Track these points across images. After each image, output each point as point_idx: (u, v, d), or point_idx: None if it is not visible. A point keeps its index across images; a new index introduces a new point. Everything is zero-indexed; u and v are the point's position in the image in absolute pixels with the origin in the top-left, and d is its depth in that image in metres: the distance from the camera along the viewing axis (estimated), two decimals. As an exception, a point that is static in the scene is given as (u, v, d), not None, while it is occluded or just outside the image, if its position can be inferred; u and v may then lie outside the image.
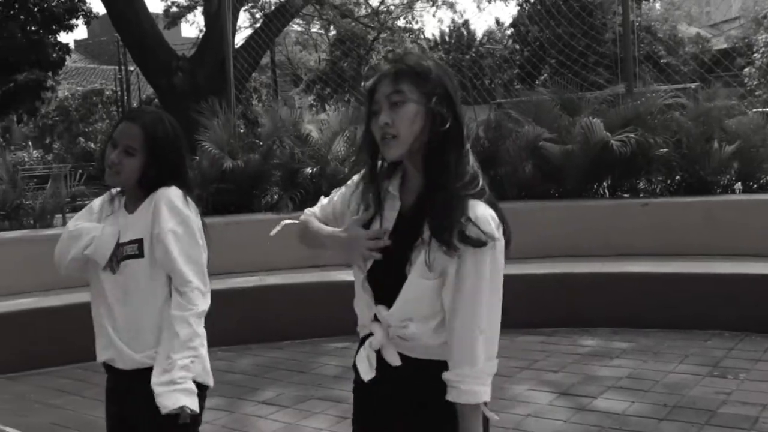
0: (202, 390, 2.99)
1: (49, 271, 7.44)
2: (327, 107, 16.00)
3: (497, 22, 32.87)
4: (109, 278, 3.01)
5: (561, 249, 8.38)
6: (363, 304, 2.42)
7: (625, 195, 9.26)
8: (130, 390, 3.00)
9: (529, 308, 7.28)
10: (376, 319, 2.38)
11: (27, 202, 9.66)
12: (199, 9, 27.68)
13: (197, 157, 9.94)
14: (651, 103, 9.23)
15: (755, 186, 8.91)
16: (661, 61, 22.00)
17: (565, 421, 5.22)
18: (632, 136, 8.53)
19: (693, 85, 11.91)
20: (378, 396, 2.42)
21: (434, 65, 2.32)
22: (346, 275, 7.50)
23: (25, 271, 8.08)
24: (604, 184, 9.40)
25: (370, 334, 2.40)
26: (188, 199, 3.06)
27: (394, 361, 2.35)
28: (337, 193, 2.58)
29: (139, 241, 2.99)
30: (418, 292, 2.28)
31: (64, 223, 9.63)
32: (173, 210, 2.99)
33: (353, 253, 2.36)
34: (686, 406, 5.33)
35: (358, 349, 2.45)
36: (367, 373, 2.39)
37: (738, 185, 9.06)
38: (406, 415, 2.36)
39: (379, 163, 2.39)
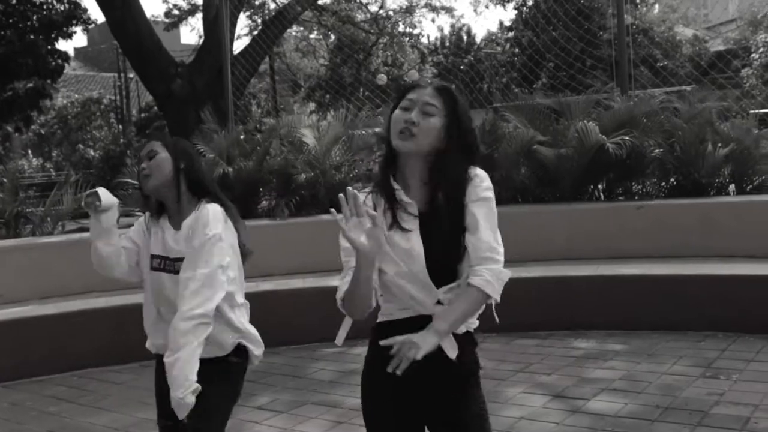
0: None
1: (46, 280, 7.45)
2: (329, 115, 16.01)
3: (500, 24, 32.89)
4: (172, 278, 3.25)
5: (556, 252, 8.41)
6: (422, 293, 2.62)
7: (620, 198, 9.29)
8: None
9: (525, 311, 7.31)
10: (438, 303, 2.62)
11: (27, 210, 9.66)
12: (200, 15, 27.74)
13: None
14: (645, 105, 9.26)
15: (749, 187, 8.94)
16: (658, 64, 22.00)
17: (558, 423, 5.24)
18: (627, 138, 8.55)
19: (689, 88, 11.95)
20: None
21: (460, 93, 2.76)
22: (339, 281, 7.55)
23: (21, 279, 8.11)
24: (599, 187, 9.44)
25: (419, 318, 2.61)
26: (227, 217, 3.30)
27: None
28: None
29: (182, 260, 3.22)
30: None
31: (67, 232, 9.65)
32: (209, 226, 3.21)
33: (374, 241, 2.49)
34: (679, 407, 5.35)
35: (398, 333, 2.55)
36: (454, 350, 2.63)
37: (732, 187, 9.09)
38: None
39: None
